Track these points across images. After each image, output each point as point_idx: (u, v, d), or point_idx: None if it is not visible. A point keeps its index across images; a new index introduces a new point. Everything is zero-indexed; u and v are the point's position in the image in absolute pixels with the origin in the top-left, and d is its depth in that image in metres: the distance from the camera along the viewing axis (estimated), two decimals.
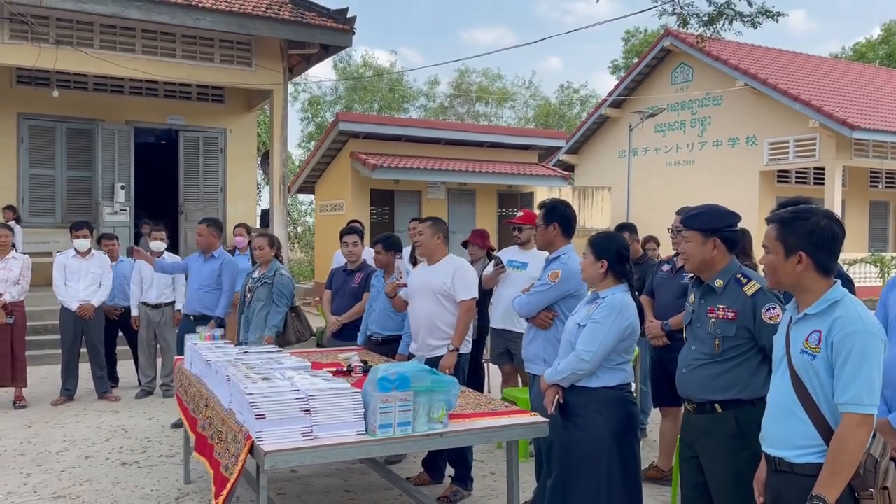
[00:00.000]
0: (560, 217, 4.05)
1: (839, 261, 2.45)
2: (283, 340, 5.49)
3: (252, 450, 2.98)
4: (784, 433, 2.33)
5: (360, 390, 3.12)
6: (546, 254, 4.23)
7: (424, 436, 3.11)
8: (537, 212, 4.25)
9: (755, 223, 8.94)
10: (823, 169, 17.04)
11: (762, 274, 3.01)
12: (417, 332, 4.69)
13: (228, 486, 3.01)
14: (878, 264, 17.27)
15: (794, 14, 53.98)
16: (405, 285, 4.90)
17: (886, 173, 19.70)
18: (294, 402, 2.99)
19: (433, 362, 4.42)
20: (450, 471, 4.78)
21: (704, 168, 18.89)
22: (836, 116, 15.77)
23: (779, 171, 18.13)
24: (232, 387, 3.42)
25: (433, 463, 4.93)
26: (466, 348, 4.64)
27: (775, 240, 2.40)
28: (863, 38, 38.20)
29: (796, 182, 18.63)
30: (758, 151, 17.81)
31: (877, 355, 2.20)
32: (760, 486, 2.50)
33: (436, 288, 4.55)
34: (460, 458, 4.65)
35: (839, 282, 2.36)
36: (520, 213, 5.73)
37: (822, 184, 17.19)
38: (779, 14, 8.34)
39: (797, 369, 2.30)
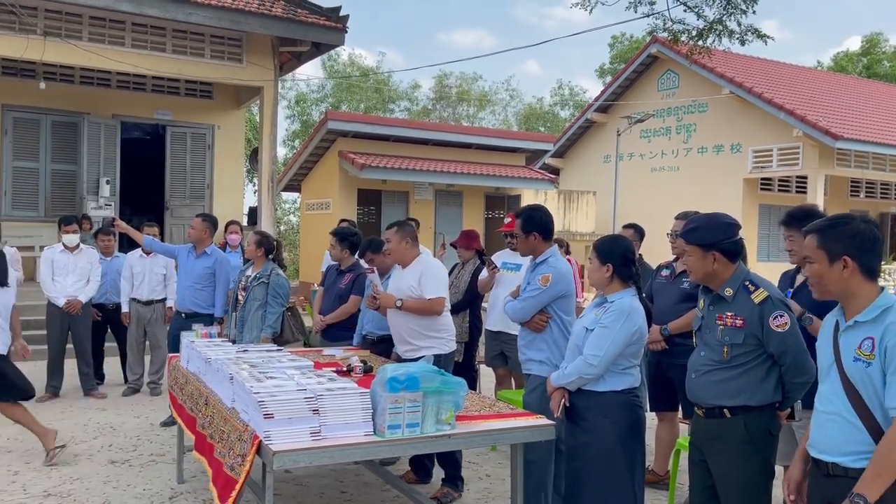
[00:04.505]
0: (538, 226, 4.04)
1: None
2: (280, 340, 5.46)
3: (259, 449, 2.95)
4: (837, 439, 2.34)
5: (368, 390, 3.11)
6: None
7: (433, 437, 3.09)
8: (514, 220, 4.23)
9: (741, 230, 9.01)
10: (806, 177, 17.25)
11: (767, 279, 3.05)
12: (397, 337, 4.66)
13: (237, 486, 2.98)
14: None
15: (767, 24, 54.43)
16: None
17: (867, 183, 20.00)
18: (303, 401, 2.96)
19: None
20: (441, 472, 4.75)
21: (689, 174, 19.04)
22: (820, 126, 15.97)
23: (762, 179, 18.33)
24: (236, 385, 3.39)
25: (420, 463, 4.91)
26: (446, 347, 4.57)
27: (817, 248, 2.40)
28: (840, 50, 38.85)
29: (779, 190, 18.86)
30: (742, 159, 17.99)
31: None
32: (793, 485, 2.52)
33: (405, 292, 4.51)
34: (450, 460, 4.63)
35: (887, 287, 2.38)
36: (507, 220, 5.70)
37: (805, 192, 17.39)
38: (767, 36, 8.41)
39: (851, 377, 2.30)
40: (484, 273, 5.77)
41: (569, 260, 8.12)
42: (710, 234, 2.99)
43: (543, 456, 3.73)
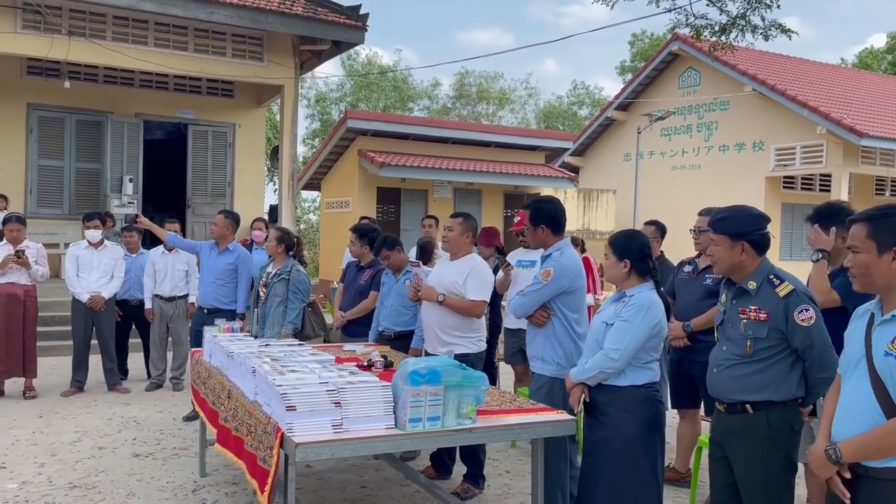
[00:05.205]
0: (546, 218, 3.98)
1: None
2: (301, 336, 5.50)
3: (282, 441, 2.97)
4: None
5: (389, 384, 3.12)
6: None
7: (454, 431, 3.10)
8: (524, 214, 4.18)
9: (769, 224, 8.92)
10: (830, 175, 17.04)
11: (794, 274, 3.02)
12: (428, 332, 4.65)
13: (270, 479, 3.01)
14: None
15: (789, 21, 53.40)
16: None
17: (892, 181, 19.70)
18: (325, 394, 2.98)
19: None
20: (462, 468, 4.75)
21: (710, 173, 18.87)
22: (845, 123, 15.76)
23: (784, 177, 18.13)
24: (258, 378, 3.42)
25: (440, 459, 4.91)
26: (476, 347, 4.58)
27: (867, 238, 2.33)
28: (863, 46, 38.21)
29: (802, 188, 18.64)
30: (764, 157, 17.80)
31: None
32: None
33: (447, 286, 4.50)
34: (473, 456, 4.63)
35: None
36: (517, 219, 5.71)
37: (829, 190, 17.17)
38: (791, 31, 8.30)
39: (880, 372, 2.22)
40: (500, 274, 5.78)
41: (585, 258, 8.10)
42: (740, 225, 2.97)
43: (558, 453, 3.72)
